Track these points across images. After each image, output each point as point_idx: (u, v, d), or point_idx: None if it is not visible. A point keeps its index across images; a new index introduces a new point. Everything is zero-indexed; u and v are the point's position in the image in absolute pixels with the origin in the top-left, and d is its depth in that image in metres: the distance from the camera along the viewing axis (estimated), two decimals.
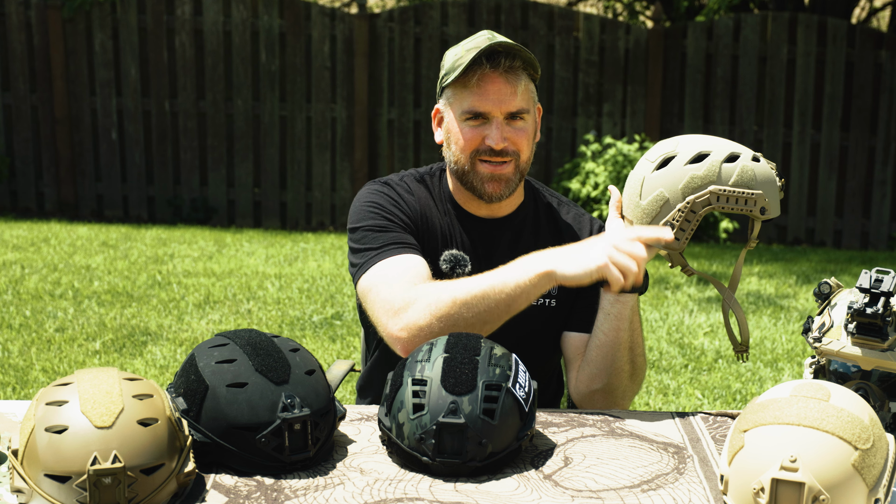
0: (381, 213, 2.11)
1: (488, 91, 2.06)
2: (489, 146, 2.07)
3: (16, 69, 8.41)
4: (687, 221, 1.95)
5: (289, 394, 1.63)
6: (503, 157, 2.08)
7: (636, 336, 2.11)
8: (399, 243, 2.06)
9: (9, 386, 4.07)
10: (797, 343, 5.00)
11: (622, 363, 2.09)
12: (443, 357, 1.69)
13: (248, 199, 8.65)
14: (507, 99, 2.07)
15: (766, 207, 1.94)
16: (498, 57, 2.05)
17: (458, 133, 2.10)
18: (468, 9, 8.39)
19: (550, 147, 8.59)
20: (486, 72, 2.05)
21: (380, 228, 2.09)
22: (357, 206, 2.15)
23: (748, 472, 1.46)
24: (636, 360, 2.12)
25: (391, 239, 2.06)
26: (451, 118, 2.12)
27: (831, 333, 1.74)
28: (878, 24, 12.30)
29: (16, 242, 6.90)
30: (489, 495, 1.58)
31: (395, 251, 2.04)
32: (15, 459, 1.49)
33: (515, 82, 2.07)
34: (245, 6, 8.39)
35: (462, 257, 2.15)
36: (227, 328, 5.01)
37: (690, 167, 1.93)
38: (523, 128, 2.10)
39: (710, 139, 1.99)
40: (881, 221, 8.56)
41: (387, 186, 2.17)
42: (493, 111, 2.06)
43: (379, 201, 2.13)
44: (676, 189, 1.94)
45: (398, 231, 2.09)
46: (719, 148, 1.96)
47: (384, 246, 2.05)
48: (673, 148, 1.98)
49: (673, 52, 8.49)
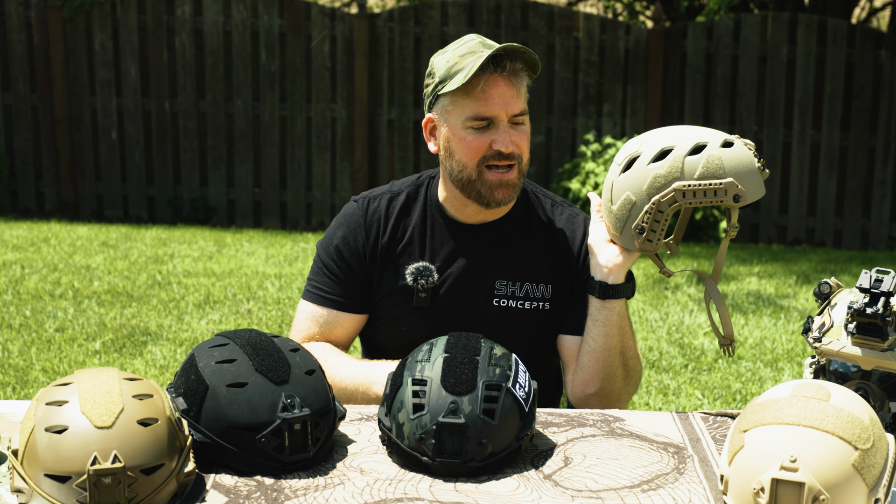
0: (332, 256, 2.22)
1: (493, 95, 2.03)
2: (497, 150, 2.04)
3: (16, 69, 8.40)
4: (656, 222, 1.91)
5: (289, 394, 1.63)
6: (510, 160, 2.06)
7: (627, 340, 2.09)
8: (322, 293, 2.22)
9: (9, 386, 4.07)
10: (797, 343, 5.00)
11: (614, 367, 2.08)
12: (443, 357, 1.69)
13: (248, 199, 8.65)
14: (513, 101, 2.05)
15: (740, 194, 1.87)
16: (502, 60, 2.03)
17: (462, 142, 2.06)
18: (468, 9, 8.39)
19: (550, 147, 8.59)
20: (491, 76, 2.03)
21: (321, 266, 2.23)
22: (333, 228, 2.26)
23: (748, 472, 1.46)
24: (629, 364, 2.11)
25: (320, 285, 2.22)
26: (451, 127, 2.08)
27: (831, 333, 1.74)
28: (878, 24, 12.30)
29: (16, 242, 6.90)
30: (489, 495, 1.58)
31: (315, 299, 2.22)
32: (15, 459, 1.49)
33: (518, 84, 2.06)
34: (245, 6, 8.39)
35: (426, 268, 2.17)
36: (227, 328, 5.01)
37: (653, 166, 1.89)
38: (525, 130, 2.09)
39: (676, 131, 1.93)
40: (881, 221, 8.56)
41: (355, 214, 2.23)
42: (499, 115, 2.04)
43: (336, 237, 2.23)
44: (641, 191, 1.90)
45: (331, 279, 2.21)
46: (683, 140, 1.89)
47: (315, 288, 2.23)
48: (637, 148, 1.93)
49: (673, 52, 8.49)
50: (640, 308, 5.59)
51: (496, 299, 2.15)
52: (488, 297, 2.16)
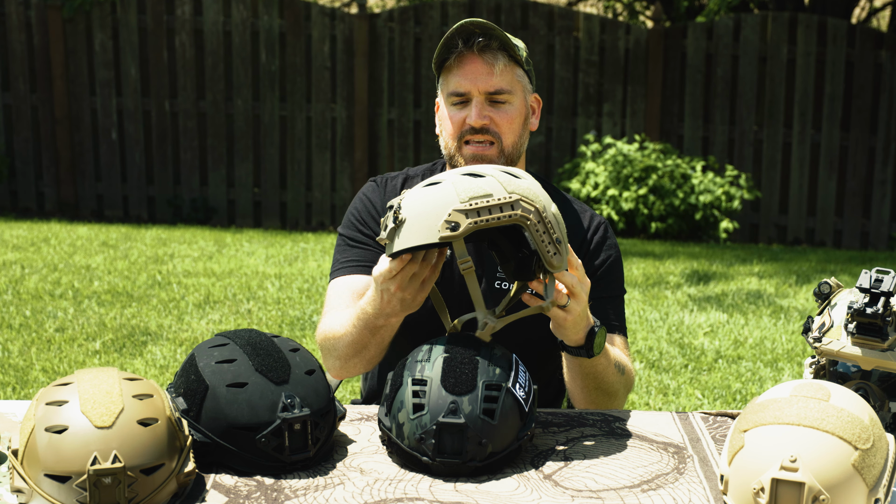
0: (355, 225, 2.22)
1: (466, 71, 2.08)
2: (469, 125, 2.09)
3: (16, 69, 8.41)
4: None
5: (289, 394, 1.63)
6: (484, 135, 2.09)
7: (602, 381, 2.02)
8: (353, 263, 2.18)
9: (9, 386, 4.07)
10: (797, 343, 5.00)
11: (593, 397, 2.05)
12: (443, 357, 1.68)
13: (248, 199, 8.65)
14: (485, 78, 2.08)
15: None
16: (472, 37, 2.07)
17: (447, 118, 2.13)
18: (468, 9, 8.39)
19: (550, 147, 8.59)
20: (463, 52, 2.08)
21: (346, 242, 2.22)
22: (349, 208, 2.28)
23: (748, 471, 1.46)
24: (609, 390, 2.05)
25: (350, 257, 2.20)
26: (442, 104, 2.16)
27: (831, 333, 1.74)
28: (878, 24, 12.30)
29: (16, 242, 6.90)
30: (489, 495, 1.58)
31: (347, 271, 2.18)
32: (15, 459, 1.49)
33: (492, 61, 2.08)
34: (245, 6, 8.39)
35: None
36: (227, 328, 5.01)
37: None
38: (506, 110, 2.10)
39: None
40: (881, 221, 8.56)
41: (373, 188, 2.27)
42: (472, 90, 2.08)
43: (358, 209, 2.24)
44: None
45: (360, 248, 2.20)
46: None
47: (343, 263, 2.20)
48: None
49: (673, 52, 8.49)
50: (640, 308, 5.59)
51: (497, 282, 2.16)
52: (490, 280, 2.16)
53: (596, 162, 8.09)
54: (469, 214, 1.70)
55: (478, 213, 1.70)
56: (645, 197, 7.90)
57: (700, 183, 8.02)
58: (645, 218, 7.95)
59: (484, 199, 1.70)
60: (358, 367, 2.07)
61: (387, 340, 2.02)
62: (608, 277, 2.21)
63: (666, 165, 8.01)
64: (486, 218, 1.70)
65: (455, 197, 1.71)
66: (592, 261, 2.18)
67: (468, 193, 1.71)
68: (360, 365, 2.06)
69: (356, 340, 2.00)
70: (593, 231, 2.22)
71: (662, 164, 8.00)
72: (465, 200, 1.70)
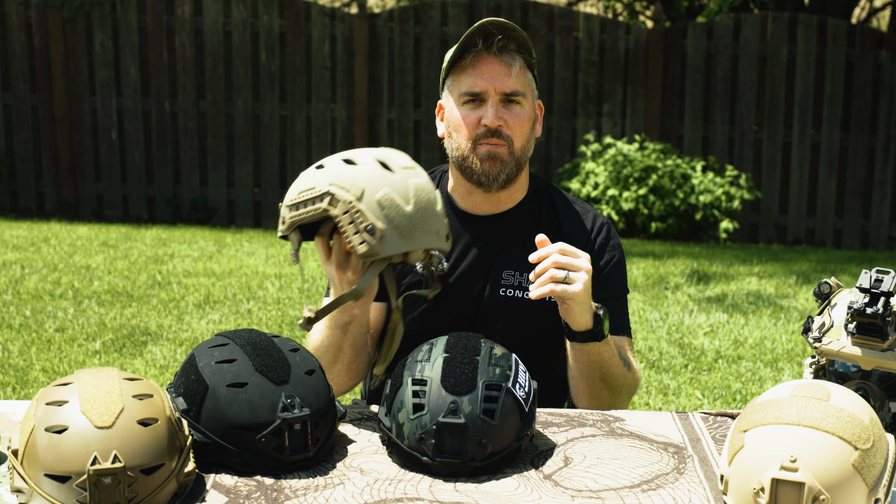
0: None
1: (483, 71, 2.08)
2: (485, 125, 2.08)
3: (16, 69, 8.40)
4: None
5: (289, 394, 1.63)
6: (497, 138, 2.09)
7: (607, 370, 2.05)
8: None
9: (9, 386, 4.07)
10: (797, 343, 5.00)
11: (597, 391, 2.06)
12: (443, 357, 1.69)
13: (248, 199, 8.65)
14: (502, 78, 2.08)
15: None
16: (491, 38, 2.07)
17: (459, 119, 2.11)
18: (468, 9, 8.39)
19: (550, 147, 8.59)
20: (481, 52, 2.08)
21: None
22: None
23: (748, 471, 1.46)
24: (614, 384, 2.07)
25: None
26: (452, 105, 2.13)
27: (831, 333, 1.74)
28: (878, 24, 12.30)
29: (16, 242, 6.90)
30: (489, 495, 1.58)
31: None
32: (15, 459, 1.49)
33: (510, 62, 2.09)
34: (245, 6, 8.39)
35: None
36: (227, 328, 5.01)
37: None
38: (519, 112, 2.10)
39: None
40: (881, 221, 8.56)
41: None
42: (488, 90, 2.08)
43: None
44: None
45: None
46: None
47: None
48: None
49: (673, 52, 8.49)
50: (640, 308, 5.59)
51: (503, 289, 2.16)
52: (495, 287, 2.16)
53: (596, 162, 8.09)
54: (291, 209, 1.74)
55: (297, 207, 1.74)
56: (645, 197, 7.90)
57: (700, 183, 8.02)
58: (645, 218, 7.95)
59: (308, 192, 1.72)
60: (342, 376, 2.07)
61: (359, 341, 2.03)
62: (612, 278, 2.21)
63: (666, 165, 8.01)
64: (301, 212, 1.73)
65: (296, 187, 1.75)
66: (597, 262, 2.19)
67: (305, 185, 1.74)
68: (343, 372, 2.07)
69: (332, 343, 2.03)
70: (597, 232, 2.22)
71: (662, 164, 8.00)
72: (299, 193, 1.74)
